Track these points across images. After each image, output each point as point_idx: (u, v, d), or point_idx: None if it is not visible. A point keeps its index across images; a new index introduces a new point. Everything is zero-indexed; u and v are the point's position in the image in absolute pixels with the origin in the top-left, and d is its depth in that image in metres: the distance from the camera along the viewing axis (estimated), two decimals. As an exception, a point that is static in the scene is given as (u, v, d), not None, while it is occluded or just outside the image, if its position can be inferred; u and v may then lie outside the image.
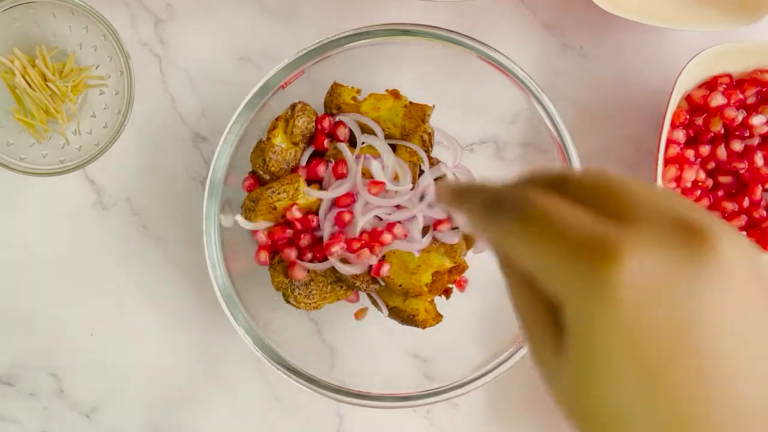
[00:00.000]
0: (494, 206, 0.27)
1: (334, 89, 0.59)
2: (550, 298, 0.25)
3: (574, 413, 0.26)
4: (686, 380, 0.23)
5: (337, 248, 0.55)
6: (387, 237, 0.56)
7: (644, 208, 0.24)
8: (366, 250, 0.56)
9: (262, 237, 0.57)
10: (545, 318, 0.26)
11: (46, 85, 0.58)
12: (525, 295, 0.27)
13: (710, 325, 0.23)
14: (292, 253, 0.56)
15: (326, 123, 0.58)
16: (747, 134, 0.59)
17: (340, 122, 0.58)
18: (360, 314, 0.61)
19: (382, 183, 0.56)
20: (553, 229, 0.24)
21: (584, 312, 0.24)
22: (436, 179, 0.58)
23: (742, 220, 0.60)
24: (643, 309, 0.23)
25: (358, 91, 0.59)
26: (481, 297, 0.62)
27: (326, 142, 0.58)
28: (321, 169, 0.57)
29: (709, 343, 0.23)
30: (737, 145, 0.59)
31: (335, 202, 0.57)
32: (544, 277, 0.25)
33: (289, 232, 0.56)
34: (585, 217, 0.24)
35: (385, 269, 0.56)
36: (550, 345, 0.26)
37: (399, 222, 0.57)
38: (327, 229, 0.57)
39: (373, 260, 0.56)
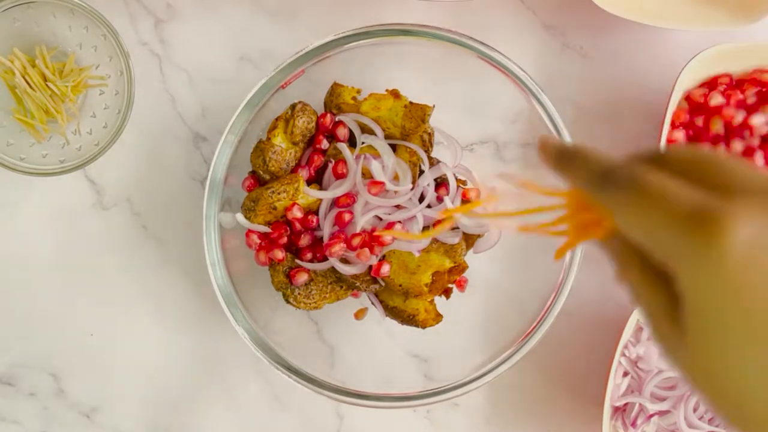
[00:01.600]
0: (605, 179, 0.28)
1: (334, 89, 0.59)
2: (663, 269, 0.26)
3: (701, 384, 0.26)
4: None
5: (337, 248, 0.55)
6: (387, 237, 0.56)
7: (742, 181, 0.26)
8: (366, 250, 0.56)
9: (255, 239, 0.57)
10: (660, 292, 0.27)
11: (46, 85, 0.58)
12: (639, 272, 0.28)
13: None
14: (278, 254, 0.56)
15: (327, 120, 0.58)
16: (747, 134, 0.59)
17: (340, 122, 0.58)
18: (360, 314, 0.61)
19: (382, 183, 0.56)
20: (663, 200, 0.25)
21: (698, 278, 0.24)
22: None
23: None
24: (753, 269, 0.23)
25: (358, 91, 0.59)
26: (481, 297, 0.62)
27: (324, 143, 0.58)
28: (317, 159, 0.58)
29: None
30: (737, 145, 0.59)
31: (335, 202, 0.57)
32: (656, 247, 0.26)
33: (285, 234, 0.56)
34: (691, 190, 0.25)
35: (385, 269, 0.56)
36: (668, 319, 0.27)
37: (399, 222, 0.57)
38: (327, 229, 0.57)
39: (373, 260, 0.56)
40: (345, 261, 0.57)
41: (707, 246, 0.24)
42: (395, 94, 0.58)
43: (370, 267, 0.57)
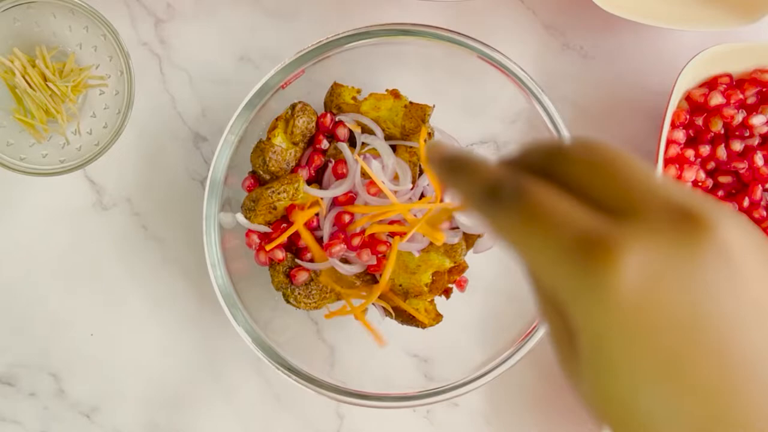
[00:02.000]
0: (489, 194, 0.25)
1: (334, 89, 0.59)
2: (555, 296, 0.24)
3: (601, 416, 0.25)
4: (706, 375, 0.22)
5: (337, 248, 0.55)
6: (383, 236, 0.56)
7: (640, 195, 0.23)
8: (367, 250, 0.56)
9: (255, 239, 0.57)
10: (559, 316, 0.25)
11: (46, 85, 0.58)
12: (541, 289, 0.26)
13: (722, 313, 0.22)
14: (278, 254, 0.56)
15: (327, 120, 0.58)
16: (747, 134, 0.59)
17: (340, 122, 0.58)
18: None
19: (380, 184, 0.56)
20: (548, 224, 0.23)
21: (586, 315, 0.23)
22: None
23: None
24: (647, 308, 0.22)
25: (358, 91, 0.59)
26: (481, 297, 0.62)
27: (324, 143, 0.58)
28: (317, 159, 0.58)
29: (724, 333, 0.22)
30: (737, 145, 0.59)
31: (335, 202, 0.57)
32: (543, 275, 0.24)
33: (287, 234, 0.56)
34: (581, 211, 0.23)
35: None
36: (567, 346, 0.25)
37: (399, 222, 0.57)
38: (327, 229, 0.57)
39: (373, 260, 0.56)
40: (345, 261, 0.57)
41: (594, 281, 0.22)
42: (395, 94, 0.58)
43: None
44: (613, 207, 0.23)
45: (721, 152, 0.59)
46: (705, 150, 0.59)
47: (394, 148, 0.58)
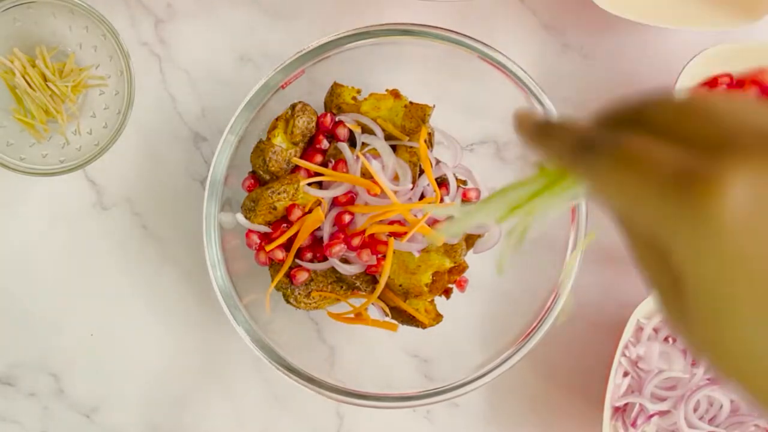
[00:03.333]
0: (582, 148, 0.25)
1: (334, 89, 0.59)
2: (654, 242, 0.24)
3: (711, 357, 0.24)
4: None
5: (337, 248, 0.55)
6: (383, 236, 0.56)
7: (738, 127, 0.22)
8: (367, 250, 0.56)
9: (255, 239, 0.57)
10: (661, 262, 0.24)
11: (46, 85, 0.58)
12: (639, 240, 0.25)
13: None
14: (278, 254, 0.56)
15: (327, 120, 0.58)
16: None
17: (340, 122, 0.58)
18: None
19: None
20: (645, 168, 0.22)
21: (691, 251, 0.22)
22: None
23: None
24: (757, 235, 0.21)
25: (358, 91, 0.59)
26: (481, 297, 0.62)
27: (324, 143, 0.58)
28: (317, 159, 0.58)
29: None
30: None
31: (335, 202, 0.57)
32: (643, 220, 0.23)
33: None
34: (677, 151, 0.22)
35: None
36: (671, 290, 0.24)
37: (399, 222, 0.57)
38: (327, 229, 0.57)
39: (373, 260, 0.56)
40: (345, 261, 0.57)
41: (697, 215, 0.21)
42: (395, 94, 0.58)
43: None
44: (709, 143, 0.22)
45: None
46: (705, 150, 0.59)
47: (394, 148, 0.58)
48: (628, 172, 0.23)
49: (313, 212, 0.56)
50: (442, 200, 0.58)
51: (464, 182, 0.61)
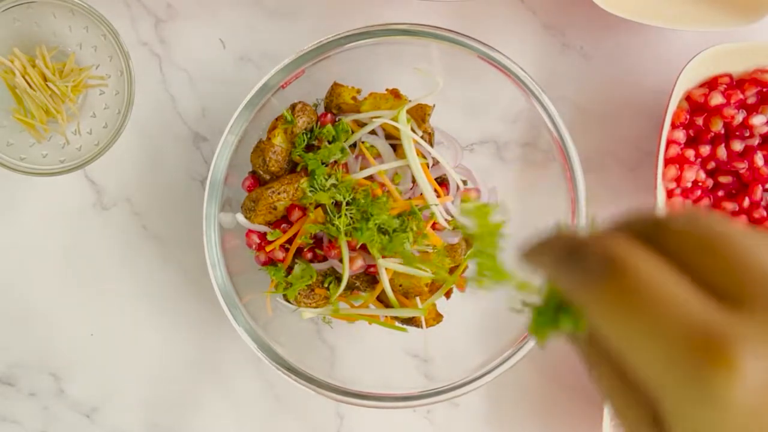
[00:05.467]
0: (572, 258, 0.21)
1: (334, 89, 0.59)
2: (642, 388, 0.21)
3: None
4: None
5: (337, 249, 0.55)
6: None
7: (757, 281, 0.20)
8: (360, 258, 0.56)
9: (255, 239, 0.57)
10: (639, 405, 0.22)
11: (46, 85, 0.58)
12: (613, 376, 0.22)
13: None
14: (278, 254, 0.56)
15: (327, 120, 0.58)
16: (747, 134, 0.59)
17: (339, 121, 0.58)
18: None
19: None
20: (647, 301, 0.19)
21: (689, 419, 0.20)
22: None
23: (742, 220, 0.60)
24: (759, 423, 0.19)
25: (358, 91, 0.59)
26: (481, 297, 0.61)
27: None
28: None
29: None
30: (737, 145, 0.59)
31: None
32: (635, 362, 0.20)
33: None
34: (690, 291, 0.20)
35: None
36: (647, 428, 0.22)
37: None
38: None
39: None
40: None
41: (704, 386, 0.19)
42: (395, 93, 0.58)
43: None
44: (724, 292, 0.20)
45: (722, 152, 0.59)
46: (705, 150, 0.59)
47: (394, 147, 0.58)
48: (625, 300, 0.20)
49: (313, 213, 0.56)
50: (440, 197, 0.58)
51: (464, 182, 0.61)
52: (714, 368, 0.18)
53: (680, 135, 0.59)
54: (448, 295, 0.60)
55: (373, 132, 0.58)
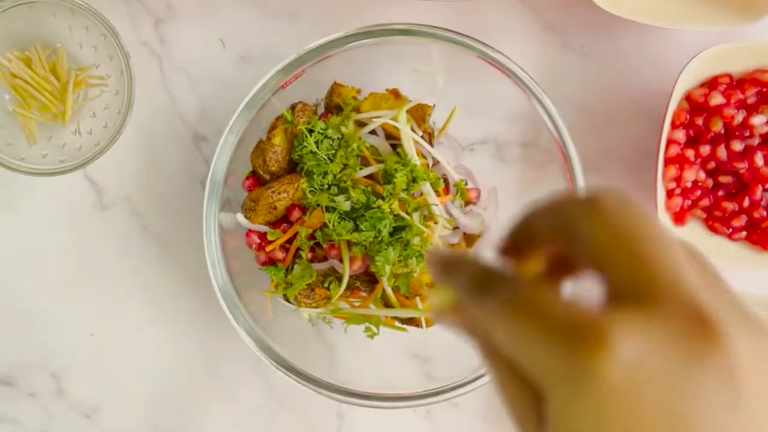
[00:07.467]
0: (482, 285, 0.24)
1: (334, 89, 0.59)
2: (532, 384, 0.23)
3: None
4: None
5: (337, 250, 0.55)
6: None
7: (664, 284, 0.21)
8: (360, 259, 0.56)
9: (255, 239, 0.57)
10: (527, 402, 0.24)
11: (46, 85, 0.58)
12: (507, 376, 0.24)
13: (705, 427, 0.20)
14: (278, 254, 0.57)
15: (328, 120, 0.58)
16: (747, 134, 0.59)
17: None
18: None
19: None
20: (541, 313, 0.22)
21: (565, 404, 0.21)
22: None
23: (742, 220, 0.60)
24: (628, 404, 0.20)
25: (358, 91, 0.59)
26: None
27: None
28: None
29: None
30: (737, 145, 0.59)
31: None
32: (526, 362, 0.23)
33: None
34: (578, 305, 0.22)
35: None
36: (532, 422, 0.24)
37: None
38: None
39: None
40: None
41: (578, 368, 0.20)
42: (395, 93, 0.58)
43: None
44: (624, 285, 0.22)
45: (722, 152, 0.59)
46: (705, 150, 0.59)
47: (394, 147, 0.58)
48: (522, 315, 0.22)
49: (313, 213, 0.56)
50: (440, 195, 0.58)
51: (464, 182, 0.61)
52: (587, 347, 0.20)
53: (680, 135, 0.59)
54: (448, 295, 0.60)
55: (373, 132, 0.58)
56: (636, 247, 0.22)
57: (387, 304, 0.58)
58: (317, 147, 0.55)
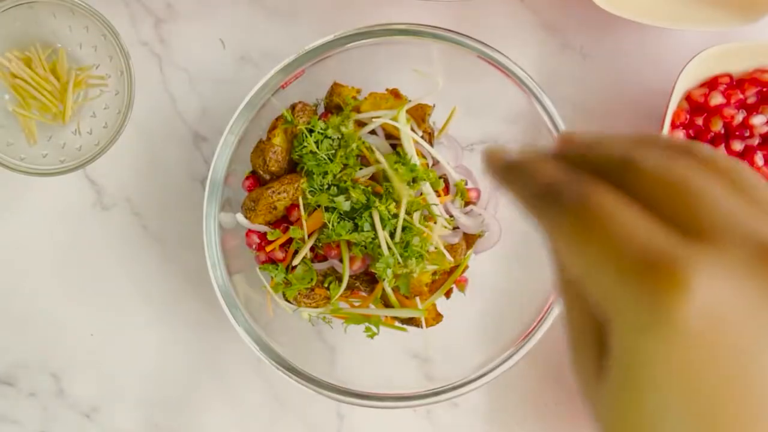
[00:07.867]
0: (548, 194, 0.23)
1: (334, 89, 0.59)
2: (596, 312, 0.22)
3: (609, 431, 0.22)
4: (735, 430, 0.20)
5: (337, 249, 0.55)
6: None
7: (724, 223, 0.20)
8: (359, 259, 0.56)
9: (255, 239, 0.57)
10: (591, 331, 0.23)
11: (45, 85, 0.58)
12: (575, 301, 0.24)
13: None
14: (278, 254, 0.57)
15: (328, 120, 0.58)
16: (747, 134, 0.59)
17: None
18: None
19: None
20: (611, 234, 0.20)
21: (634, 340, 0.20)
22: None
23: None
24: (702, 348, 0.19)
25: (358, 91, 0.59)
26: (481, 297, 0.61)
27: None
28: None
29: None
30: (737, 145, 0.59)
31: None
32: (592, 287, 0.21)
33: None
34: (649, 224, 0.20)
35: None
36: (593, 364, 0.23)
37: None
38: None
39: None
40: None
41: (655, 306, 0.19)
42: (395, 93, 0.58)
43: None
44: (685, 225, 0.20)
45: (722, 152, 0.59)
46: (705, 150, 0.59)
47: (394, 147, 0.58)
48: (591, 234, 0.21)
49: (313, 213, 0.56)
50: (440, 194, 0.58)
51: (464, 182, 0.61)
52: (664, 286, 0.19)
53: (680, 135, 0.59)
54: (448, 295, 0.60)
55: (373, 132, 0.58)
56: (692, 192, 0.21)
57: (387, 304, 0.58)
58: (317, 147, 0.55)
